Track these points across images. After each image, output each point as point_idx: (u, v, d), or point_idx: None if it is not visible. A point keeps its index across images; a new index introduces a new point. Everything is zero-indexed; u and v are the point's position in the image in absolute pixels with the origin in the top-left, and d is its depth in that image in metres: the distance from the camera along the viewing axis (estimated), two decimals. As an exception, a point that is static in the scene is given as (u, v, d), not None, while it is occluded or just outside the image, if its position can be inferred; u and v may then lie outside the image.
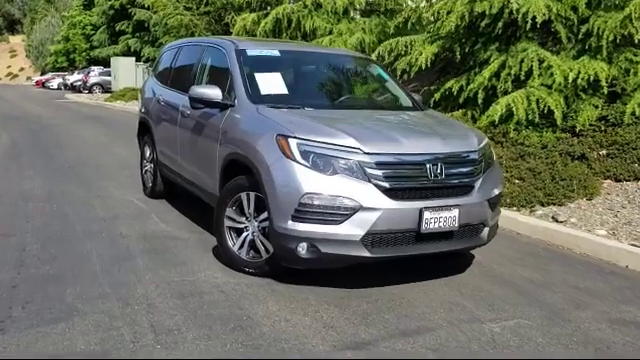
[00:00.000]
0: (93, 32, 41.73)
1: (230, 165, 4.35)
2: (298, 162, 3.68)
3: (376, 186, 3.64)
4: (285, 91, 4.61)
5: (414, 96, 5.23)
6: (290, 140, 3.76)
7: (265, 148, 3.88)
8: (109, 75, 32.99)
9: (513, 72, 7.51)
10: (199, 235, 5.14)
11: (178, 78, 5.88)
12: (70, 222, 5.43)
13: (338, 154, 3.68)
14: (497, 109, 7.18)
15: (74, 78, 40.06)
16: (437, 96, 8.41)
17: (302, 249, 3.70)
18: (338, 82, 5.12)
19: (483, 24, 7.78)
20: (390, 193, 3.67)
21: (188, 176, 5.24)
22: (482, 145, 4.20)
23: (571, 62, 7.44)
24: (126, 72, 29.37)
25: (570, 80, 7.11)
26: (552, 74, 7.40)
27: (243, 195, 4.13)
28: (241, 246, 4.19)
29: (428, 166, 3.79)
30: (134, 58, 30.20)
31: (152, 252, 4.62)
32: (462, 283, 4.19)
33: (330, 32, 13.87)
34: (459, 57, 8.23)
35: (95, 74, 36.38)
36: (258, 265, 4.09)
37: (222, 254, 4.34)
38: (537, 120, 7.39)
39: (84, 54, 45.10)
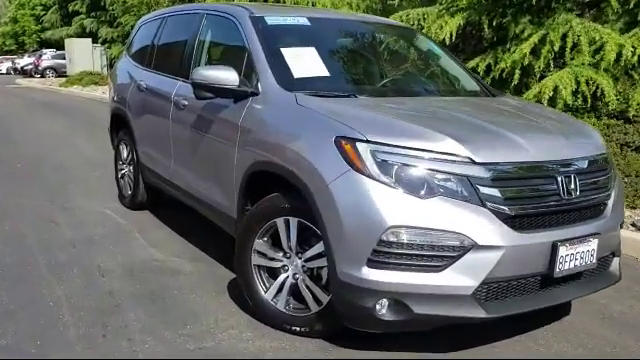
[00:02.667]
0: (44, 13, 39.19)
1: (256, 177, 3.11)
2: (375, 178, 2.47)
3: (494, 212, 2.46)
4: (325, 72, 3.37)
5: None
6: (360, 145, 2.53)
7: (319, 156, 2.65)
8: (63, 58, 30.76)
9: (556, 48, 6.39)
10: (205, 265, 3.89)
11: (165, 58, 4.56)
12: (28, 250, 4.09)
13: (435, 165, 2.48)
14: (544, 91, 6.06)
15: (25, 62, 37.47)
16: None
17: (383, 308, 2.50)
18: (386, 60, 3.88)
19: (518, -8, 6.63)
20: (514, 222, 2.50)
21: (187, 187, 3.96)
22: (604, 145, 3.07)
23: (620, 37, 6.36)
24: (82, 55, 27.27)
25: (627, 57, 6.03)
26: (599, 50, 6.32)
27: (280, 222, 2.90)
28: (277, 293, 2.98)
29: (559, 179, 2.62)
30: (90, 39, 28.14)
31: (146, 298, 3.35)
32: (572, 329, 3.08)
33: (313, 5, 12.58)
34: (488, 31, 7.07)
35: (48, 57, 33.98)
36: (305, 321, 2.88)
37: (247, 300, 3.10)
38: (577, 104, 6.33)
39: (34, 36, 42.59)
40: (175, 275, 3.71)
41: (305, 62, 3.37)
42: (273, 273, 3.01)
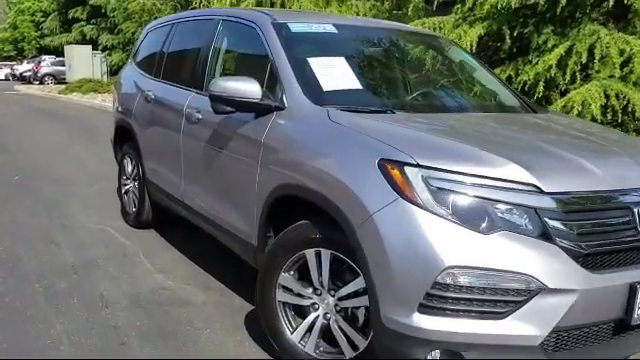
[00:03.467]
0: (43, 19, 38.97)
1: (282, 201, 2.77)
2: (429, 209, 2.13)
3: (565, 250, 2.12)
4: (357, 84, 3.04)
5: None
6: (409, 170, 2.19)
7: (359, 182, 2.31)
8: (62, 65, 30.44)
9: (583, 60, 6.08)
10: (218, 295, 3.54)
11: (176, 67, 4.23)
12: (24, 275, 3.74)
13: (498, 194, 2.15)
14: (573, 106, 5.74)
15: (24, 68, 37.21)
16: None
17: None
18: (417, 71, 3.55)
19: (542, 1, 6.32)
20: (587, 260, 2.15)
21: (200, 209, 3.62)
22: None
23: (650, 48, 6.06)
24: (82, 62, 26.93)
25: (659, 70, 5.74)
26: (627, 62, 6.02)
27: (310, 254, 2.56)
28: (305, 334, 2.64)
29: (636, 210, 2.28)
30: (90, 46, 27.84)
31: (155, 334, 3.00)
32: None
33: (319, 15, 12.28)
34: (509, 41, 6.76)
35: (47, 64, 33.66)
36: (337, 367, 2.53)
37: (270, 339, 2.75)
38: (606, 119, 6.02)
39: (34, 42, 42.39)
40: (186, 306, 3.36)
41: (334, 73, 3.04)
42: (301, 311, 2.66)
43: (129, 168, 4.89)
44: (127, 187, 4.96)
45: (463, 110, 3.23)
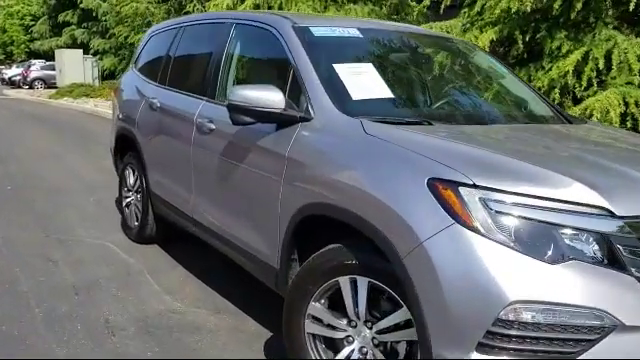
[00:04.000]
0: (33, 23, 38.46)
1: (309, 222, 2.52)
2: (489, 236, 1.89)
3: (641, 281, 1.89)
4: (388, 93, 2.80)
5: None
6: (465, 191, 1.96)
7: (406, 204, 2.07)
8: (52, 69, 29.98)
9: (600, 66, 5.88)
10: (231, 318, 3.29)
11: (184, 74, 3.98)
12: (22, 298, 3.47)
13: (564, 219, 1.91)
14: (592, 113, 5.53)
15: (12, 72, 36.61)
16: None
17: (496, 404, 1.91)
18: (448, 78, 3.31)
19: (556, 5, 6.12)
20: (665, 294, 1.92)
21: (212, 226, 3.37)
22: None
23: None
24: (73, 66, 26.54)
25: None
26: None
27: (344, 281, 2.32)
28: (338, 369, 2.38)
29: None
30: (82, 50, 27.45)
31: (169, 366, 2.75)
32: None
33: (318, 19, 12.06)
34: (521, 47, 6.56)
35: (37, 68, 33.12)
36: (375, 408, 2.29)
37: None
38: (627, 128, 5.83)
39: (23, 46, 41.87)
40: (199, 332, 3.10)
41: (362, 81, 2.80)
42: (333, 345, 2.41)
43: (131, 179, 4.62)
44: (129, 199, 4.69)
45: (499, 121, 2.99)
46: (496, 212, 1.91)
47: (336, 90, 2.69)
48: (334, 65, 2.84)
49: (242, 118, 2.72)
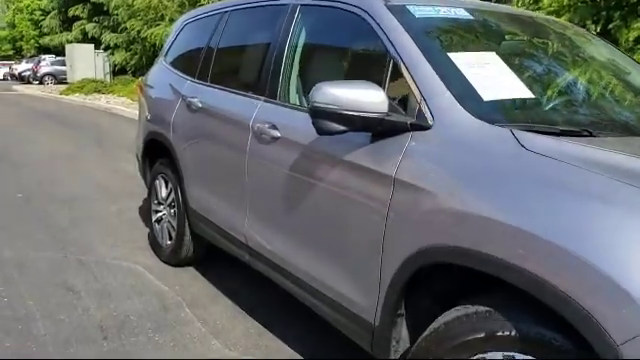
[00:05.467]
0: (43, 17, 37.88)
1: (429, 272, 1.84)
2: None
3: None
4: (526, 92, 2.11)
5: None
6: None
7: (621, 261, 1.37)
8: (63, 64, 29.45)
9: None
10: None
11: (232, 69, 3.31)
12: (39, 343, 2.81)
13: None
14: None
15: (22, 67, 36.12)
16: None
17: None
18: (577, 74, 2.60)
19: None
20: None
21: (275, 258, 2.69)
22: None
23: None
24: (84, 61, 25.95)
25: None
26: None
27: (495, 358, 1.63)
28: None
29: None
30: (93, 45, 26.85)
31: None
32: None
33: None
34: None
35: (47, 63, 32.60)
36: None
37: None
38: None
39: (32, 41, 41.36)
40: (264, 397, 2.43)
41: (489, 75, 2.11)
42: None
43: (163, 192, 3.95)
44: (160, 214, 4.03)
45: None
46: None
47: (461, 88, 2.00)
48: (449, 54, 2.15)
49: (332, 126, 2.03)
